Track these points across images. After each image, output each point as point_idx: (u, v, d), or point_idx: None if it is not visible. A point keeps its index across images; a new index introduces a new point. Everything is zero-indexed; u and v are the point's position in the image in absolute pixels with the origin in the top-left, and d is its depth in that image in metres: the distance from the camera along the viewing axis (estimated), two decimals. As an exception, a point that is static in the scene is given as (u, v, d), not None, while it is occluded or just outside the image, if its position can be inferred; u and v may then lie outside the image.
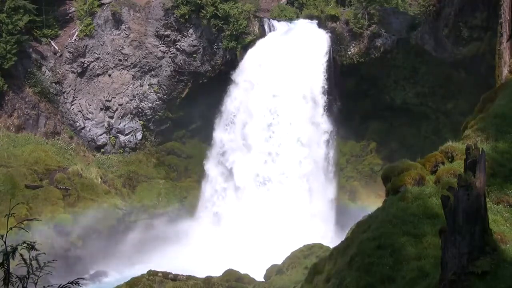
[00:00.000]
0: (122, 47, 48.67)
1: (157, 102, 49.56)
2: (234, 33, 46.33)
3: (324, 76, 45.93)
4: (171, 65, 48.88)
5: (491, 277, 9.68)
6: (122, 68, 48.97)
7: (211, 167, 48.42)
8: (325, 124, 46.40)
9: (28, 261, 6.80)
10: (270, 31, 47.36)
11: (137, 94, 49.31)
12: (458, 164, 15.44)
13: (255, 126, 46.15)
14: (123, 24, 48.56)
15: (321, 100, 45.96)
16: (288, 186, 44.16)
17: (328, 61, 46.40)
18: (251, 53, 47.11)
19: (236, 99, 47.79)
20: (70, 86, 48.42)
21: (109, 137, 49.35)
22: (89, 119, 48.86)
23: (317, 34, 46.74)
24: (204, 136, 48.81)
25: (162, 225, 46.26)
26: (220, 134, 48.20)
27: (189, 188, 48.94)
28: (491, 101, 21.30)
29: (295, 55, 45.46)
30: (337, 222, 43.71)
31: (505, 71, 26.55)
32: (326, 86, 46.03)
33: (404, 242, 13.35)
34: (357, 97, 47.19)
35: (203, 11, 46.65)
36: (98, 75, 48.88)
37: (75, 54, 48.01)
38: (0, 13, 44.56)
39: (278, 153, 45.29)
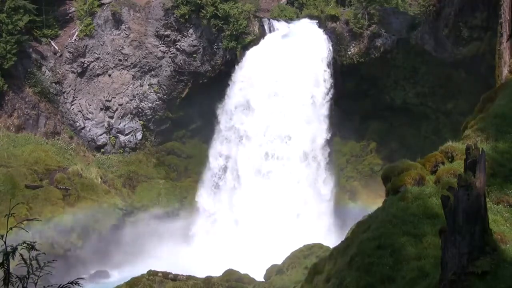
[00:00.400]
0: (122, 47, 48.67)
1: (157, 102, 49.55)
2: (234, 33, 46.30)
3: (327, 133, 44.24)
4: (171, 65, 48.87)
5: (491, 277, 9.67)
6: (122, 68, 48.97)
7: (199, 231, 45.29)
8: (326, 189, 44.11)
9: (28, 261, 6.79)
10: (270, 31, 47.28)
11: (137, 94, 49.30)
12: (458, 164, 15.44)
13: (244, 194, 42.87)
14: (123, 24, 48.56)
15: (323, 157, 44.07)
16: None
17: (330, 104, 44.14)
18: (234, 88, 44.70)
19: (222, 156, 45.06)
20: (70, 86, 48.42)
21: (109, 137, 49.35)
22: (89, 119, 48.86)
23: (318, 42, 45.41)
24: (204, 136, 48.74)
25: (162, 225, 46.24)
26: (205, 197, 45.80)
27: (189, 188, 48.90)
28: (491, 101, 21.30)
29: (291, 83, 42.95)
30: (337, 222, 43.64)
31: (505, 71, 26.55)
32: (328, 137, 44.37)
33: (404, 242, 13.35)
34: (357, 97, 47.14)
35: (203, 11, 46.64)
36: (98, 75, 48.88)
37: (75, 54, 48.01)
38: (0, 13, 44.55)
39: (273, 230, 39.92)
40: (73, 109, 48.67)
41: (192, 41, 48.11)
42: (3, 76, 44.52)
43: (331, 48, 45.76)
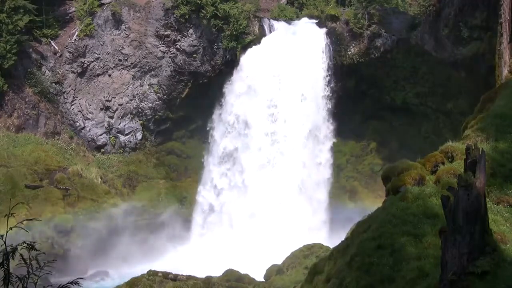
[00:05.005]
0: (122, 47, 48.66)
1: (157, 102, 49.54)
2: (234, 33, 46.28)
3: (327, 133, 44.11)
4: (171, 65, 48.86)
5: (491, 277, 9.67)
6: (122, 68, 48.96)
7: (199, 231, 45.18)
8: (326, 189, 43.91)
9: (28, 261, 6.79)
10: (270, 31, 47.25)
11: (137, 94, 49.29)
12: (458, 164, 15.45)
13: (244, 194, 42.97)
14: (123, 24, 48.54)
15: (323, 156, 44.10)
16: None
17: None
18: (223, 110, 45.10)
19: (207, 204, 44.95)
20: (70, 86, 48.41)
21: (109, 137, 49.33)
22: (89, 119, 48.84)
23: (318, 42, 45.21)
24: (204, 136, 48.72)
25: (162, 225, 46.23)
26: (205, 197, 45.93)
27: (189, 188, 48.90)
28: (491, 101, 21.31)
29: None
30: (336, 222, 43.58)
31: (505, 71, 26.56)
32: (328, 136, 44.31)
33: (404, 242, 13.35)
34: (357, 97, 47.13)
35: (203, 11, 46.63)
36: (98, 75, 48.87)
37: (75, 54, 48.00)
38: (0, 13, 44.53)
39: (273, 229, 39.68)
40: (73, 109, 48.65)
41: (192, 41, 48.10)
42: (3, 76, 44.50)
43: (331, 48, 45.73)
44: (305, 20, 47.89)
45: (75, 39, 48.07)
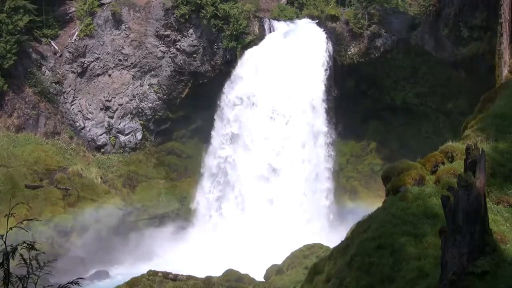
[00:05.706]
0: (122, 47, 48.66)
1: (157, 102, 49.55)
2: (234, 33, 46.29)
3: (327, 133, 43.91)
4: (171, 65, 48.87)
5: (491, 277, 9.67)
6: (122, 68, 48.96)
7: (199, 231, 44.78)
8: (326, 189, 43.67)
9: (28, 261, 6.79)
10: (270, 31, 47.24)
11: (137, 94, 49.30)
12: (458, 164, 15.45)
13: (244, 194, 42.67)
14: (123, 24, 48.55)
15: (323, 156, 43.81)
16: None
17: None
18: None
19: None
20: (70, 86, 48.42)
21: (109, 137, 49.34)
22: (89, 119, 48.85)
23: (318, 42, 44.84)
24: (204, 136, 48.73)
25: (162, 225, 46.23)
26: (204, 198, 45.64)
27: (189, 188, 48.91)
28: (491, 101, 21.31)
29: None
30: (337, 221, 43.58)
31: (505, 71, 26.55)
32: (328, 136, 43.88)
33: (404, 242, 13.35)
34: (357, 97, 47.13)
35: (203, 11, 46.64)
36: (98, 75, 48.87)
37: (75, 54, 48.00)
38: (0, 13, 44.53)
39: (273, 229, 39.56)
40: (73, 109, 48.66)
41: (192, 41, 48.10)
42: (3, 76, 44.51)
43: (331, 48, 45.71)
44: (305, 20, 47.86)
45: (75, 39, 48.08)
